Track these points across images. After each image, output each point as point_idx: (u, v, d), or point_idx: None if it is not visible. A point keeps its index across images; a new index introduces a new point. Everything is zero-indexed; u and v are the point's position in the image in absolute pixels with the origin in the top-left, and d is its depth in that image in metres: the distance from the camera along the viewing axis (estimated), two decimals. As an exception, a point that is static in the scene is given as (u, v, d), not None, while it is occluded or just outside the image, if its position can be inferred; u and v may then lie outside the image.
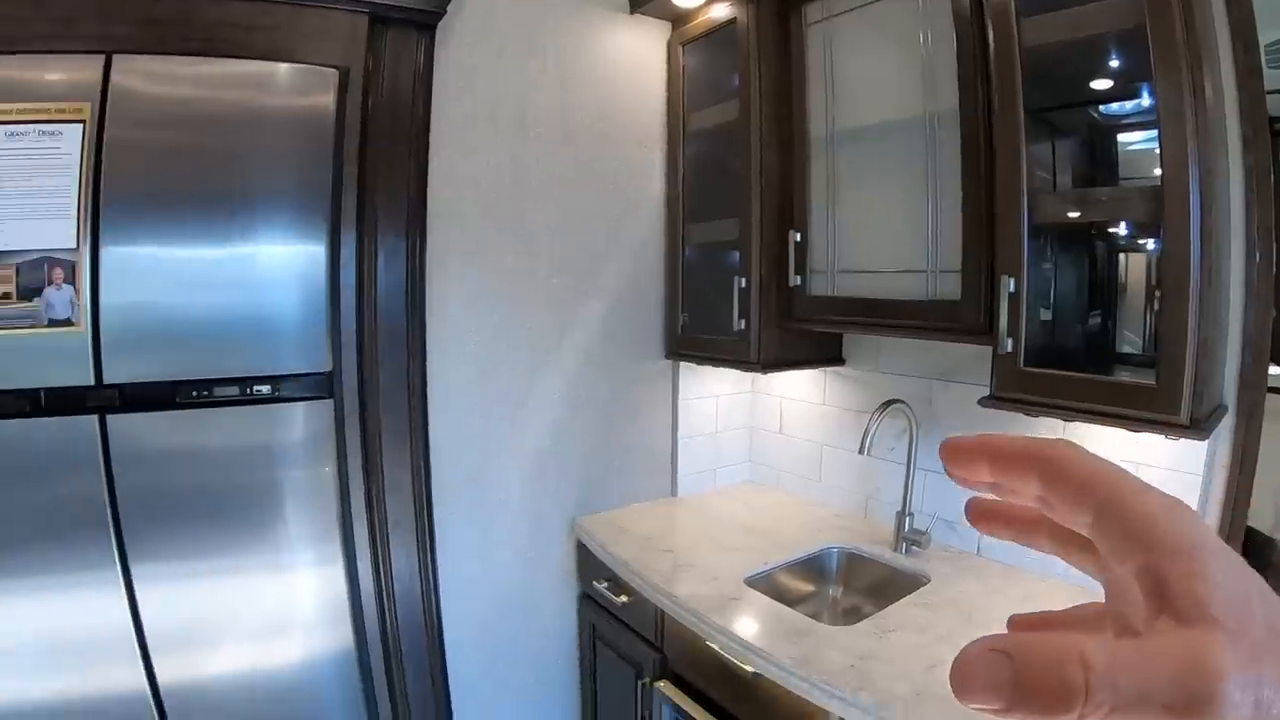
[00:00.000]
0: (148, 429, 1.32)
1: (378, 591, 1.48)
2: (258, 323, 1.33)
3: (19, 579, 1.35)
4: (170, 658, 1.39)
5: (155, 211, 1.29)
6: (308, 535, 1.41)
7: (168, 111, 1.29)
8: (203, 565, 1.38)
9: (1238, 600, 0.19)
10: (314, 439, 1.38)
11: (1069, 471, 0.23)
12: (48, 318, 1.29)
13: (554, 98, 1.63)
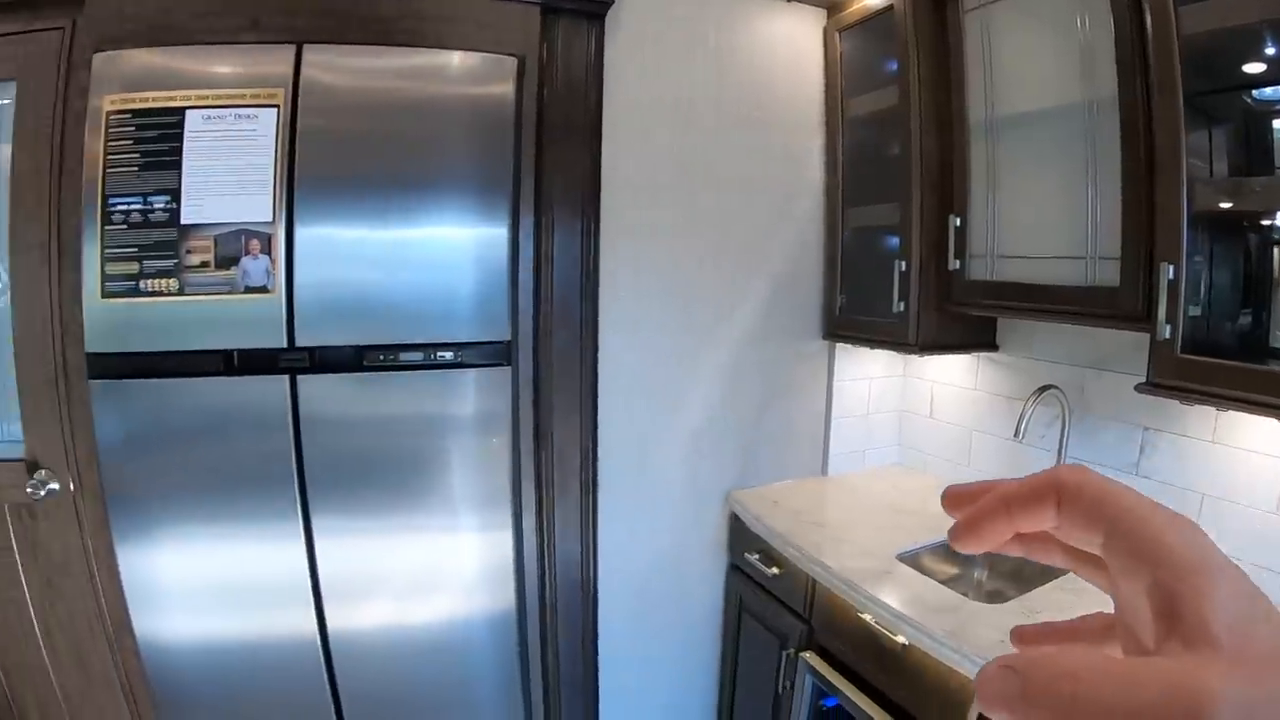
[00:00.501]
0: (335, 390, 1.53)
1: (540, 556, 1.65)
2: (440, 294, 1.52)
3: (210, 525, 1.60)
4: (340, 606, 1.63)
5: (345, 190, 1.50)
6: (478, 500, 1.61)
7: (356, 99, 1.50)
8: (377, 522, 1.60)
9: (1242, 622, 0.20)
10: (490, 406, 1.58)
11: (1081, 493, 0.24)
12: (244, 285, 1.50)
13: (715, 85, 1.79)
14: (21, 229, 1.60)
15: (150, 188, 1.46)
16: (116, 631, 1.72)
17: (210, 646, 1.67)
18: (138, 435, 1.55)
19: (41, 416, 1.63)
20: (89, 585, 1.70)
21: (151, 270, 1.47)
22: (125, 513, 1.58)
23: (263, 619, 1.63)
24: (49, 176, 1.57)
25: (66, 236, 1.57)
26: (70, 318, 1.56)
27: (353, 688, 1.65)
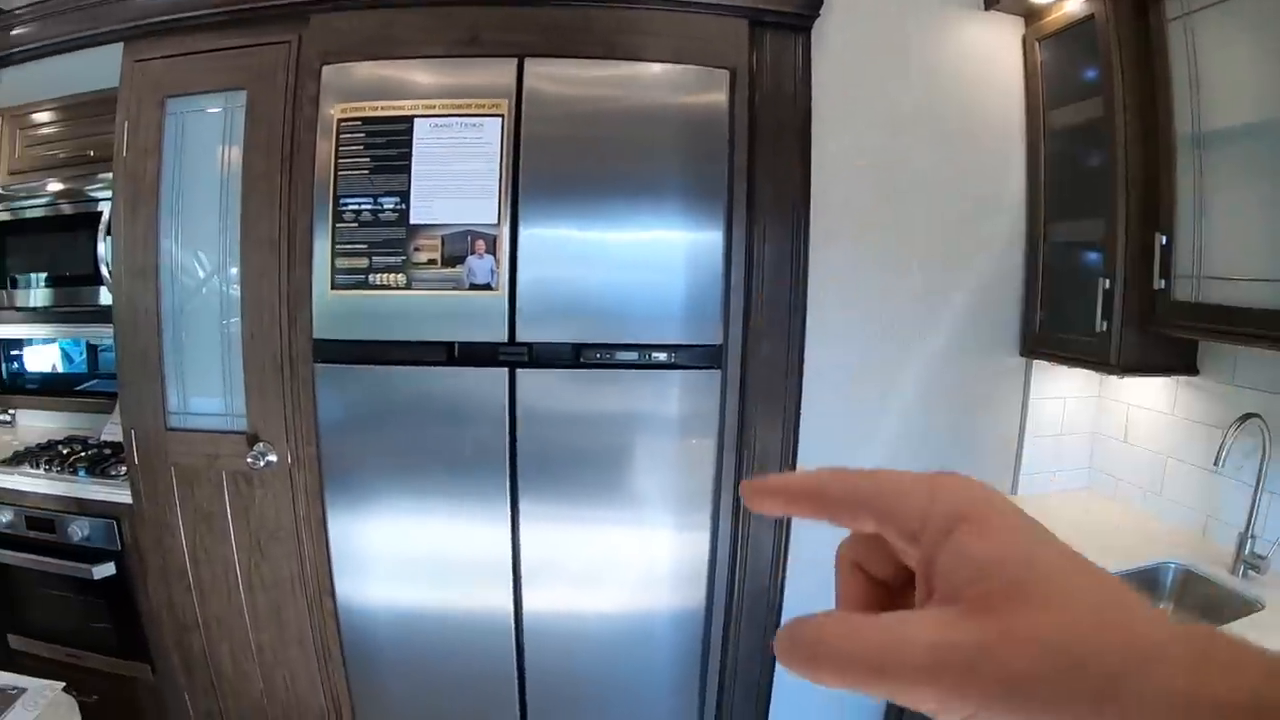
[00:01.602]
0: (551, 385, 1.70)
1: (732, 560, 1.74)
2: (655, 297, 1.67)
3: (421, 503, 1.79)
4: (537, 588, 1.79)
5: (567, 195, 1.66)
6: (678, 499, 1.75)
7: (576, 109, 1.66)
8: (581, 513, 1.76)
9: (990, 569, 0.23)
10: (697, 408, 1.71)
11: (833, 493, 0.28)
12: (469, 282, 1.68)
13: (917, 95, 1.87)
14: (255, 224, 1.82)
15: (380, 189, 1.66)
16: (317, 593, 1.93)
17: (406, 615, 1.86)
18: (358, 416, 1.76)
19: (265, 395, 1.85)
20: (295, 550, 1.92)
21: (380, 265, 1.67)
22: (340, 486, 1.80)
23: (461, 594, 1.81)
24: (280, 177, 1.79)
25: (297, 232, 1.77)
26: (298, 306, 1.77)
27: (539, 665, 1.81)
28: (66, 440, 2.65)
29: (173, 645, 2.19)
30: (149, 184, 1.93)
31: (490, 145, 1.62)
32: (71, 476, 2.27)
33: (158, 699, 2.35)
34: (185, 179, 1.92)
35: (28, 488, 2.34)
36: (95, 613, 2.36)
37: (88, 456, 2.40)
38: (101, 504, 2.19)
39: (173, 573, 2.10)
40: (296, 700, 2.09)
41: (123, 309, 2.00)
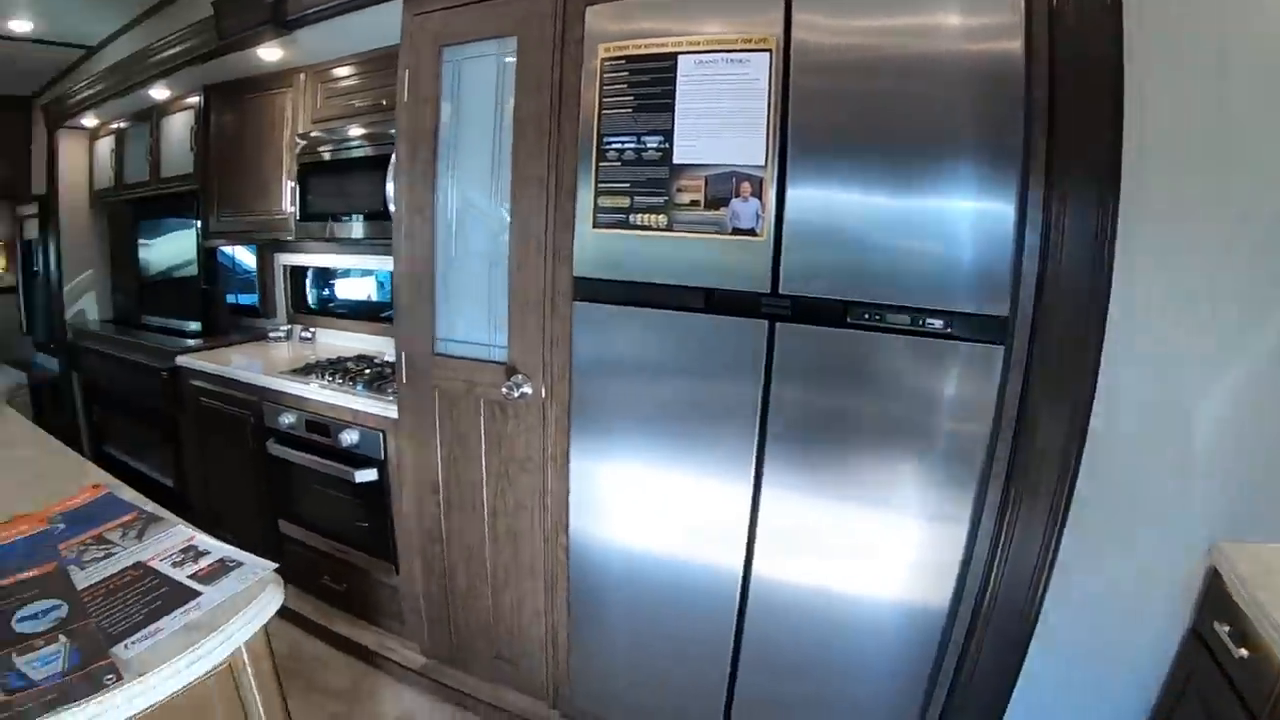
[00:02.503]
0: (813, 342, 1.63)
1: (989, 562, 1.64)
2: (932, 257, 1.52)
3: (664, 452, 1.84)
4: (769, 556, 1.78)
5: (838, 146, 1.55)
6: (936, 486, 1.60)
7: (848, 56, 1.53)
8: (827, 484, 1.69)
9: None
10: (972, 387, 1.53)
11: None
12: (732, 226, 1.65)
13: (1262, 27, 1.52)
14: (523, 164, 1.95)
15: (643, 128, 1.70)
16: (553, 525, 2.08)
17: (634, 560, 1.93)
18: (610, 356, 1.83)
19: (526, 329, 1.99)
20: (539, 481, 2.07)
21: (642, 205, 1.71)
22: (586, 424, 1.90)
23: (693, 548, 1.84)
24: (548, 118, 1.90)
25: (563, 171, 1.88)
26: (561, 244, 1.88)
27: (757, 632, 1.81)
28: (356, 358, 3.06)
29: (417, 552, 2.45)
30: (427, 128, 2.14)
31: (757, 82, 1.58)
32: (350, 389, 2.61)
33: (395, 598, 2.66)
34: (461, 122, 2.11)
35: (311, 395, 2.71)
36: (355, 512, 2.69)
37: (369, 374, 2.73)
38: (372, 416, 2.50)
39: (426, 486, 2.34)
40: (518, 625, 2.27)
41: (402, 241, 2.23)
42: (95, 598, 1.30)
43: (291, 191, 3.15)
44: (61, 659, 1.15)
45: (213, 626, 1.21)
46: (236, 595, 1.29)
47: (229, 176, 3.60)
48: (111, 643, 1.18)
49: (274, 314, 4.03)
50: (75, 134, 4.93)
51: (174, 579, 1.36)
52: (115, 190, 4.69)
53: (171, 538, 1.51)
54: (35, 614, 1.26)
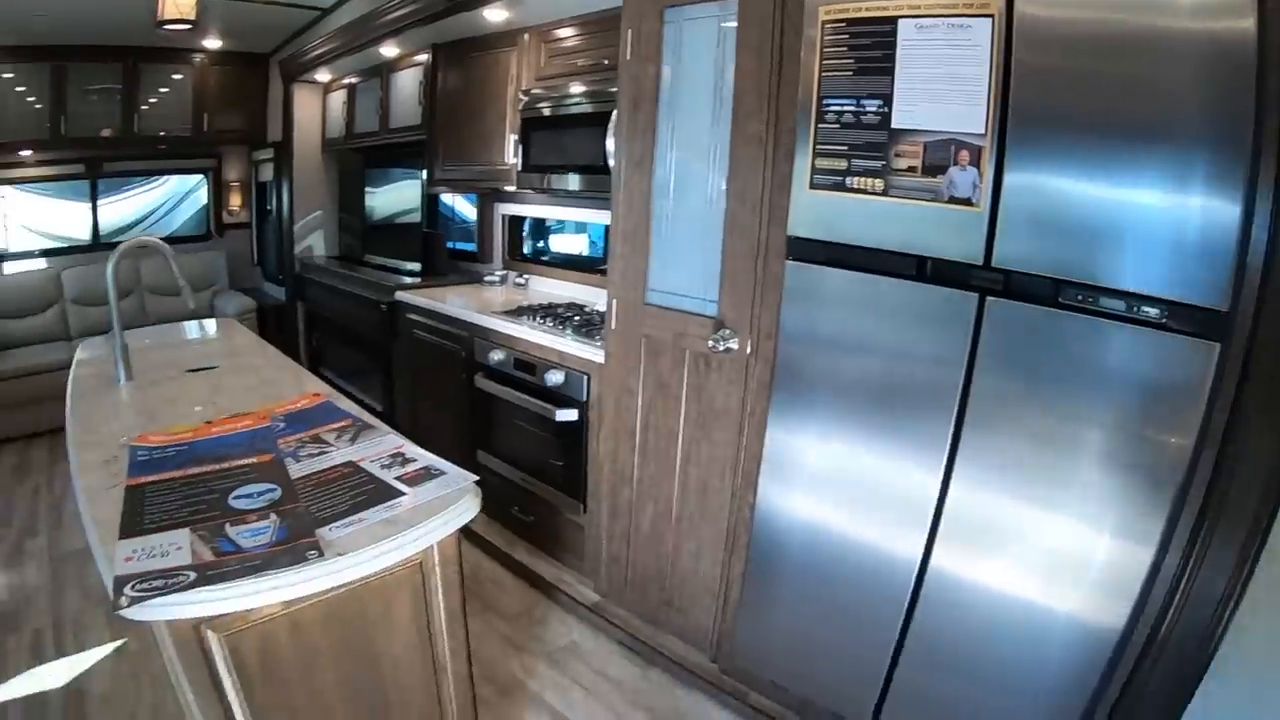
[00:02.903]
0: (1021, 320, 1.60)
1: (1172, 589, 1.54)
2: (1148, 245, 1.44)
3: (856, 422, 1.87)
4: (949, 546, 1.77)
5: (1057, 122, 1.50)
6: (1130, 501, 1.52)
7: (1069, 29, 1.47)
8: (1016, 481, 1.65)
9: None
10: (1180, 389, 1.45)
11: None
12: (948, 194, 1.65)
13: None
14: (742, 123, 2.03)
15: (863, 91, 1.72)
16: (742, 483, 2.17)
17: (815, 530, 1.98)
18: (818, 318, 1.88)
19: (737, 285, 2.08)
20: (734, 436, 2.16)
21: (858, 169, 1.74)
22: (787, 384, 1.96)
23: (873, 528, 1.87)
24: (768, 79, 1.97)
25: (781, 132, 1.94)
26: (777, 203, 1.95)
27: (926, 621, 1.82)
28: (566, 305, 3.29)
29: (606, 492, 2.63)
30: (648, 87, 2.27)
31: (978, 49, 1.56)
32: (559, 333, 2.82)
33: (578, 535, 2.87)
34: (680, 82, 2.21)
35: (522, 335, 2.94)
36: (550, 449, 2.91)
37: (578, 321, 2.94)
38: (578, 359, 2.69)
39: (623, 430, 2.50)
40: (694, 573, 2.39)
41: (620, 194, 2.38)
42: (307, 487, 1.49)
43: (514, 144, 3.39)
44: (270, 533, 1.32)
45: (411, 523, 1.36)
46: (436, 499, 1.44)
47: (455, 129, 3.91)
48: (317, 525, 1.34)
49: (490, 259, 4.35)
50: (309, 87, 5.49)
51: (381, 479, 1.53)
52: (345, 139, 5.21)
53: (382, 444, 1.71)
54: (251, 494, 1.46)
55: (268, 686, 1.32)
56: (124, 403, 2.09)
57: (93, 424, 1.91)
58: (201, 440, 1.74)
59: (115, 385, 2.21)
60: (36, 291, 5.51)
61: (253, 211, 6.81)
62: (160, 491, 1.48)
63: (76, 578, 3.26)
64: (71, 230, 6.03)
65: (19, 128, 5.18)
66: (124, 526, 1.34)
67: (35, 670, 2.66)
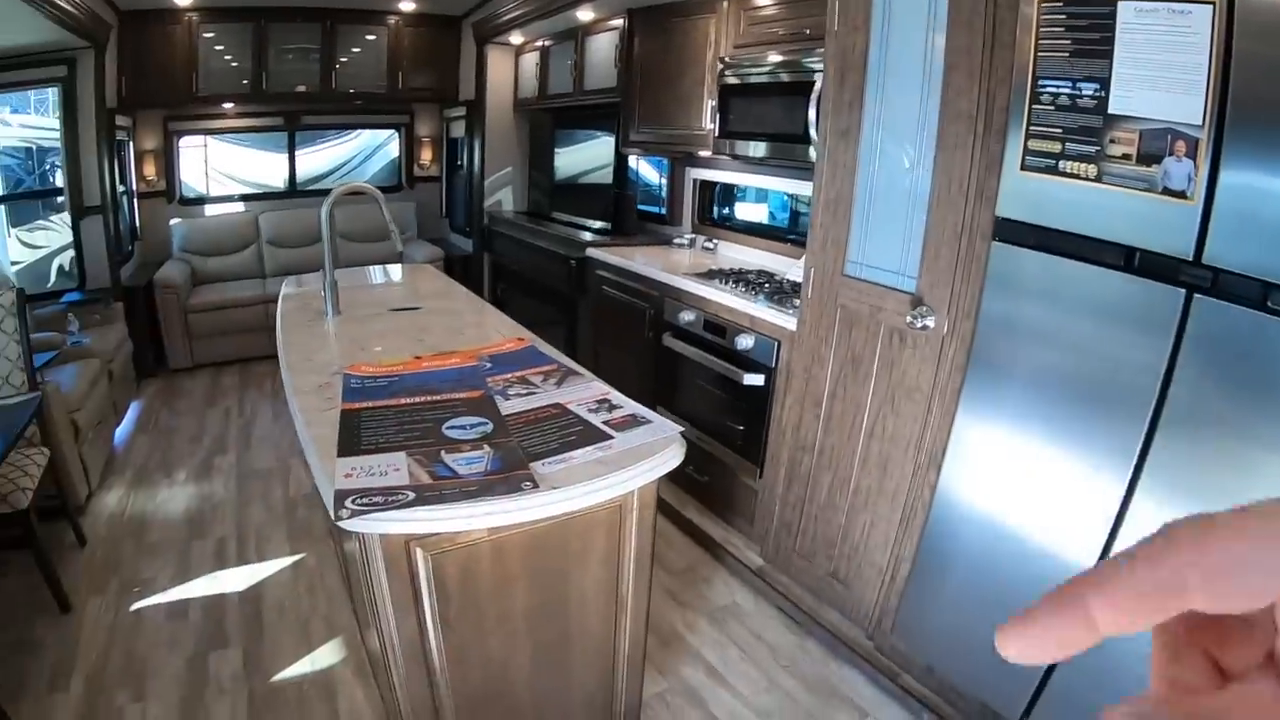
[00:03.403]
0: (1228, 322, 1.55)
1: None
2: None
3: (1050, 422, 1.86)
4: None
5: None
6: None
7: None
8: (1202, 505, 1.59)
9: None
10: None
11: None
12: (1162, 185, 1.63)
13: None
14: (953, 99, 2.06)
15: (1079, 74, 1.72)
16: (926, 463, 2.23)
17: (990, 520, 2.01)
18: (1018, 303, 1.91)
19: (938, 263, 2.14)
20: (922, 414, 2.23)
21: (1072, 153, 1.75)
22: (981, 369, 2.01)
23: (1049, 528, 1.86)
24: (980, 55, 1.98)
25: (992, 110, 1.97)
26: (985, 182, 1.99)
27: None
28: (756, 272, 3.42)
29: (785, 459, 2.75)
30: (856, 57, 2.32)
31: (1199, 36, 1.53)
32: (751, 298, 2.96)
33: (751, 498, 3.02)
34: (890, 52, 2.25)
35: (713, 298, 3.11)
36: (732, 412, 3.06)
37: (769, 288, 3.07)
38: (770, 325, 2.82)
39: (809, 399, 2.61)
40: (864, 547, 2.48)
41: (824, 165, 2.47)
42: (517, 424, 1.59)
43: (711, 110, 3.53)
44: (485, 462, 1.39)
45: (619, 465, 1.43)
46: (643, 445, 1.54)
47: (651, 93, 4.10)
48: (530, 459, 1.42)
49: (679, 223, 4.55)
50: (502, 49, 5.85)
51: (589, 421, 1.63)
52: (538, 100, 5.51)
53: (588, 389, 1.82)
54: (464, 425, 1.56)
55: (462, 604, 1.46)
56: (333, 335, 2.33)
57: (306, 352, 2.11)
58: (411, 374, 1.89)
59: (323, 319, 2.46)
60: (236, 233, 6.22)
61: (442, 166, 7.32)
62: (375, 417, 1.59)
63: (261, 494, 3.71)
64: (268, 178, 6.75)
65: (223, 83, 5.80)
66: (342, 445, 1.46)
67: (217, 574, 3.04)
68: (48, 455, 2.91)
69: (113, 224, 5.07)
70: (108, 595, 2.87)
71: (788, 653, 2.61)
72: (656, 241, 4.42)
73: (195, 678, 2.44)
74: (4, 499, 2.52)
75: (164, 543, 3.26)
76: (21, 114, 6.10)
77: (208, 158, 6.43)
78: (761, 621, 2.77)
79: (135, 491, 3.74)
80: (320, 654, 2.57)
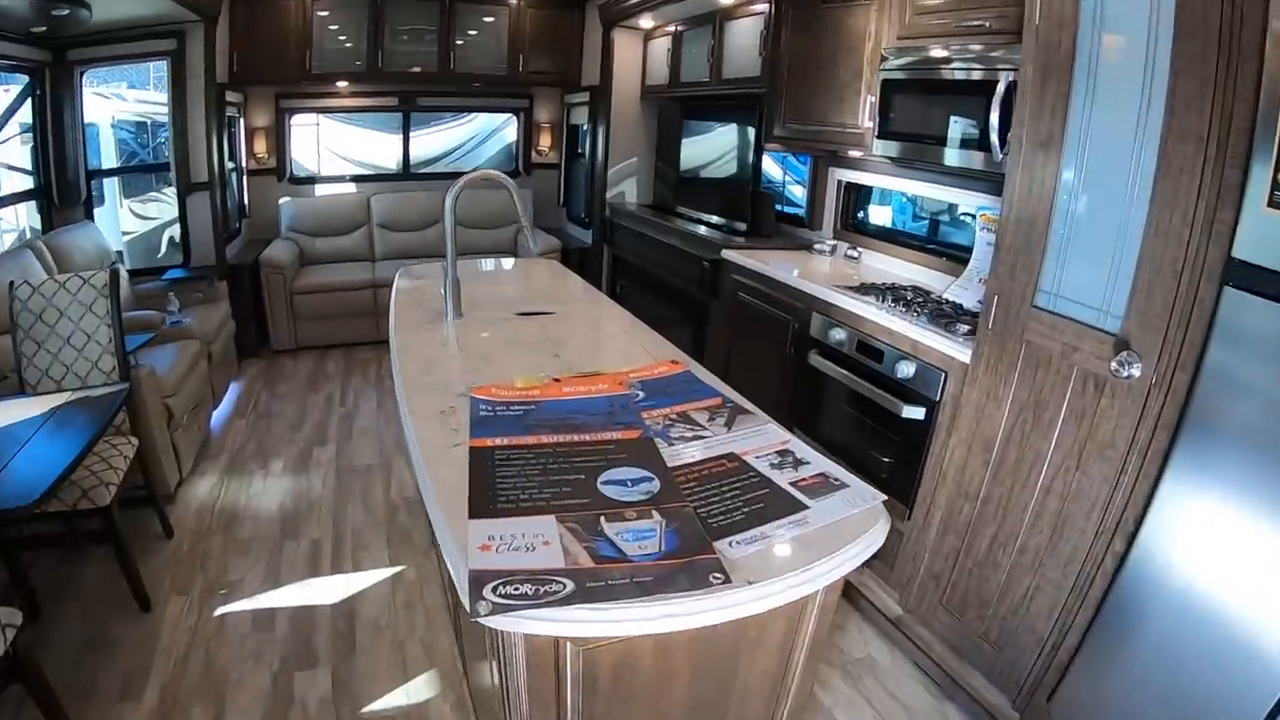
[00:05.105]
0: None
1: None
2: None
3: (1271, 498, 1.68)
4: None
5: None
6: None
7: None
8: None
9: None
10: None
11: None
12: None
13: None
14: (1178, 115, 1.82)
15: None
16: (1114, 527, 2.01)
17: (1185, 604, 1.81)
18: (1252, 361, 1.70)
19: (1151, 303, 1.90)
20: (1114, 474, 2.00)
21: None
22: (1197, 430, 1.81)
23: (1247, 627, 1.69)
24: (1214, 66, 1.74)
25: (1233, 132, 1.72)
26: (1218, 216, 1.75)
27: None
28: (911, 289, 3.21)
29: (942, 504, 2.56)
30: (1063, 56, 2.08)
31: None
32: (913, 319, 2.75)
33: (895, 540, 2.80)
34: (1101, 57, 2.01)
35: (870, 316, 2.91)
36: (881, 444, 2.87)
37: (929, 308, 2.86)
38: (937, 354, 2.61)
39: (980, 441, 2.41)
40: (1025, 612, 2.26)
41: (1017, 179, 2.24)
42: (688, 480, 1.30)
43: (871, 107, 3.31)
44: (658, 538, 1.13)
45: (823, 549, 1.18)
46: (844, 520, 1.27)
47: (801, 85, 3.89)
48: (715, 536, 1.15)
49: (820, 227, 4.35)
50: (630, 33, 5.74)
51: (775, 482, 1.34)
52: (669, 87, 5.37)
53: (764, 436, 1.56)
54: (624, 480, 1.27)
55: (612, 701, 1.26)
56: (455, 343, 2.10)
57: (424, 363, 1.87)
58: (551, 401, 1.62)
59: (443, 321, 2.24)
60: (346, 214, 6.30)
61: (562, 153, 7.26)
62: (514, 459, 1.34)
63: (361, 493, 3.59)
64: (380, 159, 6.83)
65: (336, 62, 5.86)
66: (474, 500, 1.19)
67: (310, 581, 2.91)
68: (136, 445, 2.87)
69: (219, 201, 5.17)
70: (192, 595, 2.83)
71: (925, 716, 2.45)
72: (795, 246, 4.25)
73: (279, 699, 2.36)
74: (85, 494, 2.48)
75: (255, 541, 3.21)
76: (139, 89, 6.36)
77: (319, 136, 6.56)
78: (898, 679, 2.61)
79: (228, 481, 3.72)
80: (416, 685, 2.46)
